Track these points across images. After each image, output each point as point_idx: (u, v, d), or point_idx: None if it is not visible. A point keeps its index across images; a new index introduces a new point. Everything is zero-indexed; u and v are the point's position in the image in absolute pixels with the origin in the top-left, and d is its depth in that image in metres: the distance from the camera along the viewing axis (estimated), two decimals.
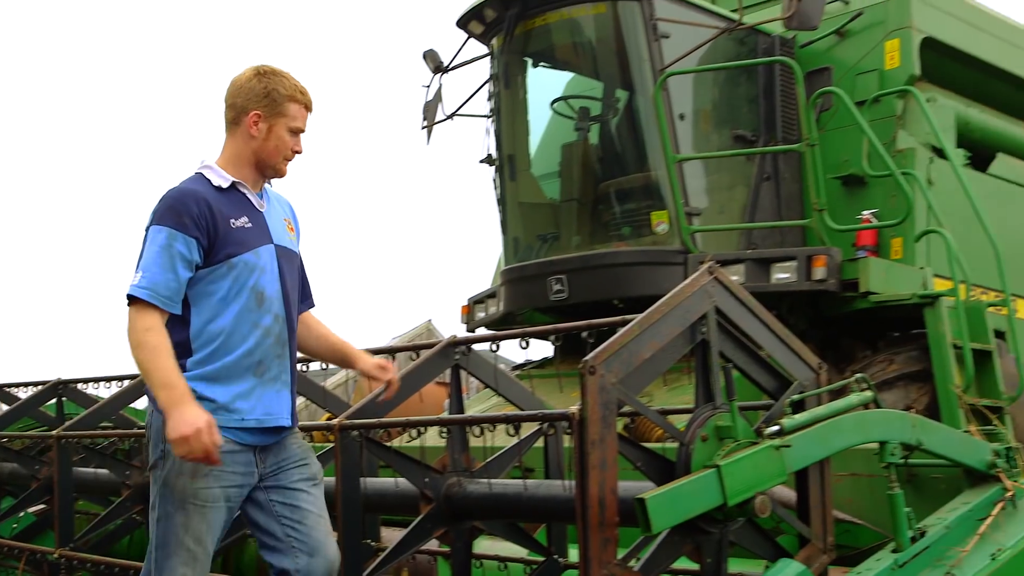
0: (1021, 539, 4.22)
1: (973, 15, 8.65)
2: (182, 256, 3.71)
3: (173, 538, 3.69)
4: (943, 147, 7.51)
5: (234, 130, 3.95)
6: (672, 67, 7.44)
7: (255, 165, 3.96)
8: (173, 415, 3.53)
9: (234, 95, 3.95)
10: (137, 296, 3.65)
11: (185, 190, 3.82)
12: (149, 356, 3.61)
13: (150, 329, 3.64)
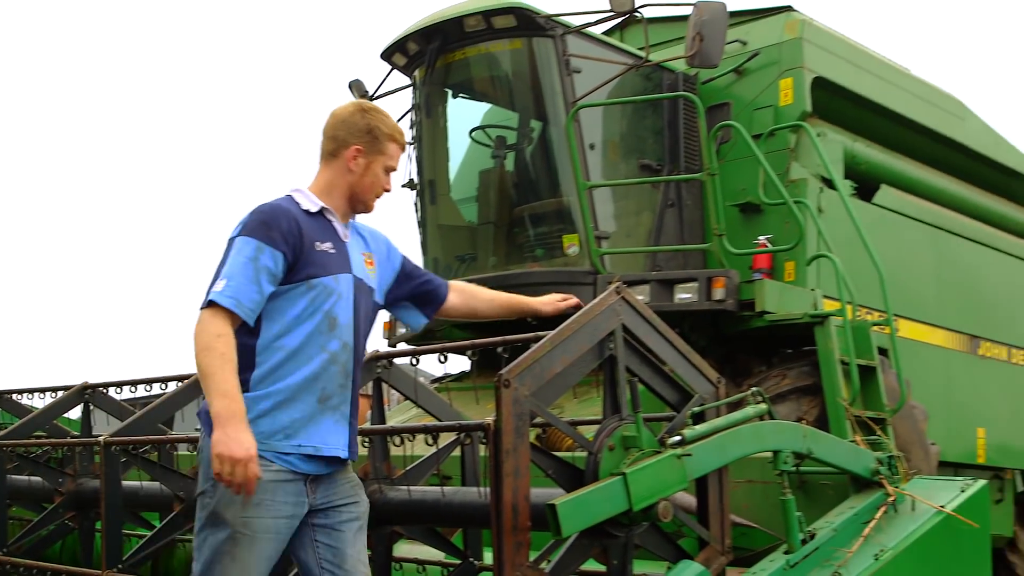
0: (902, 540, 4.29)
1: (859, 57, 8.82)
2: (268, 270, 3.57)
3: (219, 568, 3.47)
4: (832, 178, 7.63)
5: (331, 161, 3.85)
6: (583, 100, 7.49)
7: (348, 198, 3.85)
8: (227, 429, 3.32)
9: (335, 128, 3.85)
10: (220, 303, 3.47)
11: (277, 207, 3.69)
12: (216, 362, 3.40)
13: (221, 335, 3.45)
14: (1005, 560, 9.53)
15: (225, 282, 3.50)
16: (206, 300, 3.49)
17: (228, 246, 3.61)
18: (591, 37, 7.86)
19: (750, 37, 8.39)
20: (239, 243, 3.58)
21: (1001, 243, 9.88)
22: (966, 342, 9.17)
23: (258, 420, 3.50)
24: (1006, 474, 9.60)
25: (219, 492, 3.46)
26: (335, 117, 3.87)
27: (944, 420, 8.59)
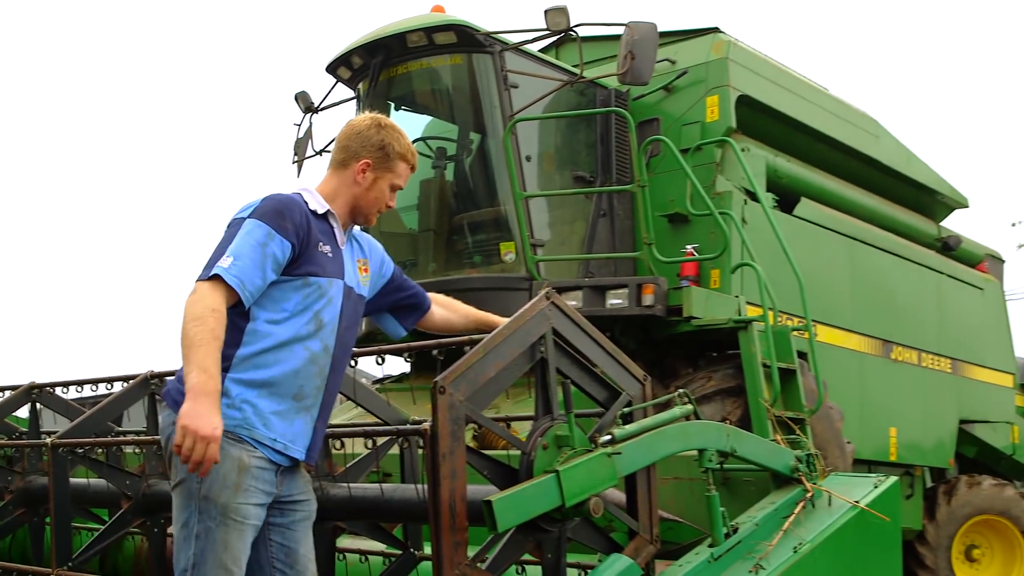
0: (819, 534, 4.31)
1: (782, 77, 8.90)
2: (275, 258, 3.43)
3: (211, 556, 3.28)
4: (755, 191, 7.70)
5: (341, 171, 3.73)
6: (520, 114, 7.48)
7: (350, 208, 3.74)
8: (197, 404, 3.12)
9: (349, 138, 3.74)
10: (224, 279, 3.30)
11: (291, 199, 3.56)
12: (205, 336, 3.21)
13: (216, 311, 3.27)
14: (915, 552, 9.65)
15: (232, 259, 3.34)
16: (209, 272, 3.32)
17: (234, 226, 3.46)
18: (528, 54, 7.85)
19: (679, 56, 8.44)
20: (250, 225, 3.43)
21: (912, 254, 10.02)
22: (879, 347, 9.28)
23: (242, 405, 3.38)
24: (916, 471, 9.73)
25: (208, 478, 3.27)
26: (351, 128, 3.77)
27: (859, 420, 8.68)
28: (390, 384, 8.39)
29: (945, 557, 9.75)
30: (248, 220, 3.44)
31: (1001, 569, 10.17)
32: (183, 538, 3.33)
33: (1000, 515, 10.06)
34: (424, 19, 7.72)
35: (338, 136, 3.80)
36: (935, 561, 9.69)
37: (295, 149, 8.78)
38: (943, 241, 10.86)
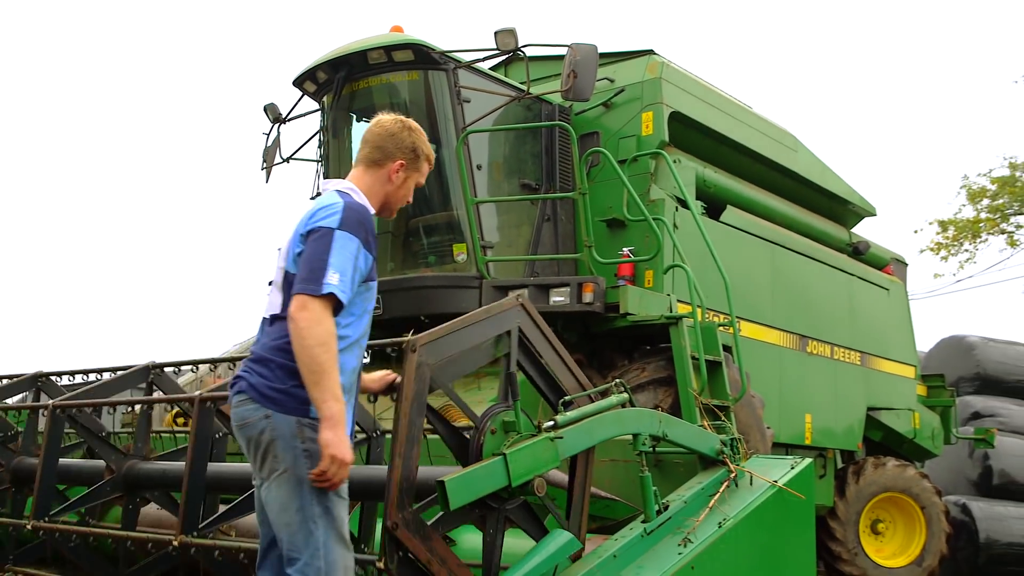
0: (741, 510, 4.36)
1: (710, 96, 8.96)
2: (360, 271, 3.37)
3: (334, 533, 3.23)
4: (686, 199, 7.75)
5: (375, 170, 3.66)
6: (472, 126, 7.49)
7: (380, 205, 3.69)
8: (338, 432, 3.12)
9: (384, 139, 3.66)
10: (338, 296, 3.21)
11: (367, 209, 3.48)
12: (331, 361, 3.15)
13: (333, 334, 3.19)
14: (827, 526, 9.78)
15: (339, 276, 3.24)
16: (319, 288, 3.20)
17: (326, 236, 3.30)
18: (480, 71, 7.85)
19: (617, 76, 8.47)
20: (342, 238, 3.31)
21: (825, 257, 10.13)
22: (796, 341, 9.38)
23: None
24: (828, 453, 9.85)
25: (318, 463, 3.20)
26: (383, 129, 3.70)
27: (777, 407, 8.77)
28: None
29: (854, 530, 9.90)
30: (339, 232, 3.32)
31: (903, 540, 10.35)
32: (299, 521, 3.20)
33: (902, 492, 10.23)
34: (384, 38, 7.69)
35: (369, 137, 3.70)
36: (845, 534, 9.83)
37: (264, 157, 8.71)
38: (853, 246, 10.99)
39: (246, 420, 3.31)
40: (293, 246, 3.43)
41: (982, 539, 13.01)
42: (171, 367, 6.18)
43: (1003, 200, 19.74)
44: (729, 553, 4.22)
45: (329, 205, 3.41)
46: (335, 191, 3.56)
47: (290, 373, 3.25)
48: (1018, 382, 15.33)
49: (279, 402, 3.24)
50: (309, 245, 3.33)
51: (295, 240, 3.43)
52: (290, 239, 3.47)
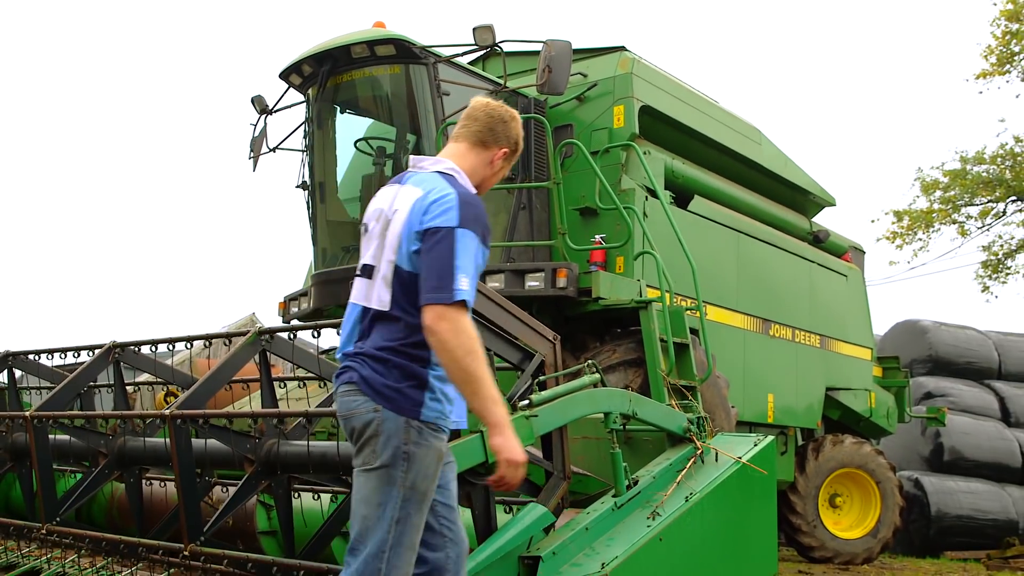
0: (707, 485, 4.38)
1: (679, 91, 8.96)
2: (479, 268, 3.11)
3: (406, 539, 3.00)
4: (655, 189, 7.75)
5: (479, 150, 3.34)
6: (451, 118, 7.45)
7: (475, 187, 3.34)
8: (506, 435, 2.96)
9: (496, 123, 3.35)
10: (468, 303, 2.97)
11: (479, 200, 3.18)
12: (482, 367, 2.94)
13: (478, 339, 2.96)
14: (788, 500, 9.85)
15: (467, 280, 2.98)
16: (452, 295, 2.94)
17: (448, 237, 3.02)
18: (458, 66, 7.81)
19: (590, 71, 8.45)
20: (463, 237, 3.03)
21: (787, 245, 10.17)
22: (760, 324, 9.42)
23: (441, 396, 3.10)
24: (789, 431, 9.91)
25: (415, 469, 3.01)
26: (496, 112, 3.38)
27: (742, 387, 8.82)
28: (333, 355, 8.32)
29: (813, 504, 9.98)
30: (460, 231, 3.03)
31: (859, 513, 10.44)
32: (376, 517, 3.00)
33: (859, 468, 10.32)
34: (367, 33, 7.65)
35: (479, 116, 3.38)
36: (804, 508, 9.91)
37: (251, 147, 8.64)
38: (814, 234, 11.03)
39: (352, 411, 3.07)
40: (406, 242, 3.09)
41: (933, 512, 13.15)
42: (133, 346, 6.01)
43: (954, 192, 19.87)
44: (695, 525, 4.24)
45: (442, 198, 3.09)
46: (438, 174, 3.23)
47: (406, 374, 3.05)
48: (968, 364, 15.48)
49: (391, 399, 3.02)
50: (431, 247, 3.02)
51: (407, 235, 3.10)
52: (400, 230, 3.12)
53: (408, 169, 3.34)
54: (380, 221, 3.20)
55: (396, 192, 3.23)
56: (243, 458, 4.62)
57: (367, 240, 3.25)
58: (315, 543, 4.65)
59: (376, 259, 3.16)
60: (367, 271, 3.19)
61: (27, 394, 7.30)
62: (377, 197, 3.31)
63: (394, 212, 3.16)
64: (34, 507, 5.80)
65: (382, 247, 3.15)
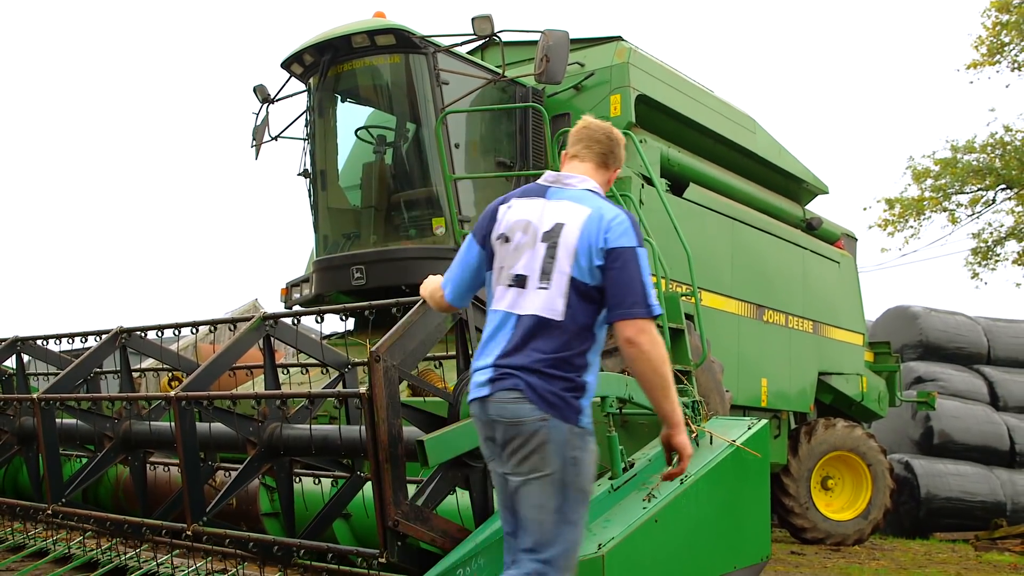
0: (702, 467, 4.37)
1: (675, 80, 8.93)
2: None
3: (580, 539, 3.08)
4: (651, 177, 7.73)
5: (603, 171, 3.37)
6: (450, 107, 7.43)
7: None
8: (686, 435, 3.13)
9: (614, 145, 3.39)
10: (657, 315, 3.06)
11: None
12: (671, 374, 3.08)
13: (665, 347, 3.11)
14: (781, 482, 9.86)
15: (653, 293, 3.09)
16: (654, 312, 3.05)
17: (633, 257, 3.08)
18: (457, 55, 7.78)
19: (587, 60, 8.43)
20: (643, 256, 3.11)
21: (781, 232, 10.16)
22: (753, 310, 9.41)
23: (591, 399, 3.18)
24: (782, 415, 9.92)
25: (584, 472, 3.06)
26: (616, 136, 3.42)
27: (736, 372, 8.82)
28: (336, 340, 8.33)
29: (805, 486, 10.00)
30: (640, 250, 3.11)
31: (850, 495, 10.47)
32: (555, 522, 3.01)
33: (850, 451, 10.34)
34: (367, 23, 7.62)
35: (601, 138, 3.39)
36: (797, 490, 9.93)
37: (253, 136, 8.62)
38: (807, 222, 11.02)
39: (520, 419, 3.03)
40: (585, 256, 3.10)
41: (923, 494, 13.19)
42: (139, 331, 6.01)
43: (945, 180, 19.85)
44: (690, 507, 4.24)
45: (619, 219, 3.15)
46: (590, 192, 3.28)
47: (570, 384, 3.07)
48: (958, 349, 15.50)
49: (558, 408, 3.01)
50: (620, 267, 3.08)
51: (587, 250, 3.10)
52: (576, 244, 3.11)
53: (544, 183, 3.32)
54: (529, 233, 3.17)
55: (545, 206, 3.22)
56: (246, 440, 4.62)
57: (513, 251, 3.20)
58: (316, 524, 4.66)
59: (530, 269, 3.14)
60: (520, 281, 3.15)
61: (34, 379, 7.30)
62: (515, 210, 3.26)
63: (558, 226, 3.15)
64: (41, 489, 5.79)
65: (548, 258, 3.13)
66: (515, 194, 3.33)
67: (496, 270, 3.23)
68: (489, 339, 3.16)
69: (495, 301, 3.20)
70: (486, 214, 3.32)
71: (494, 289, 3.22)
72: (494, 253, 3.24)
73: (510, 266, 3.17)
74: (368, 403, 3.47)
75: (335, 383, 5.33)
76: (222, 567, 5.29)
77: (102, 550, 5.83)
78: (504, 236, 3.22)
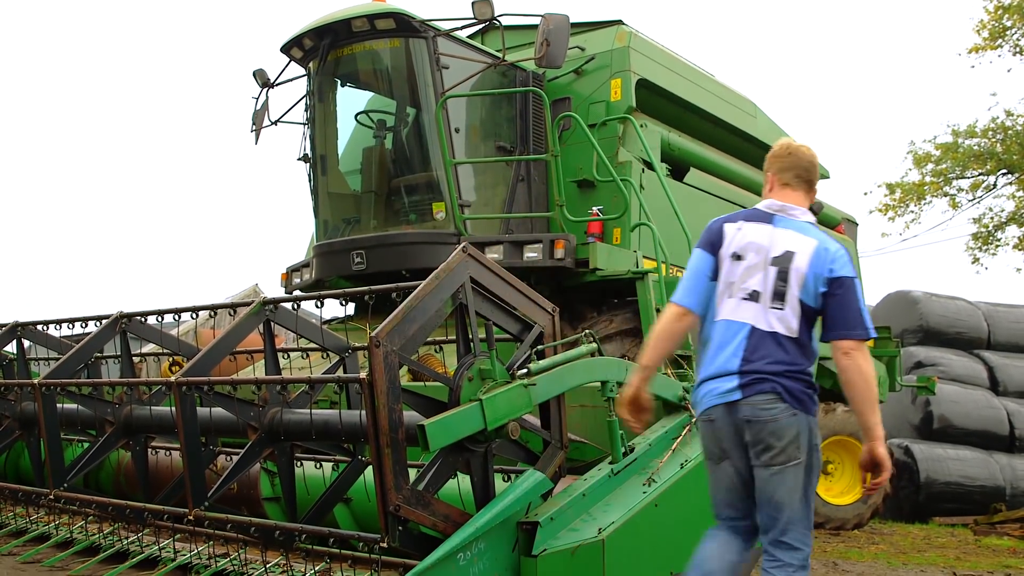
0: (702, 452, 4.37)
1: (675, 64, 8.91)
2: None
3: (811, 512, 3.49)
4: (652, 161, 7.72)
5: (810, 195, 3.74)
6: (450, 91, 7.41)
7: None
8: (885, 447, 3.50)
9: (815, 168, 3.76)
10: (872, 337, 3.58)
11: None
12: (877, 390, 3.51)
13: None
14: None
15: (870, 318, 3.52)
16: (870, 335, 3.46)
17: (852, 286, 3.48)
18: (458, 39, 7.75)
19: (587, 44, 8.40)
20: (859, 284, 3.53)
21: None
22: None
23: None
24: None
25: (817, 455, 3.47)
26: (815, 159, 3.79)
27: None
28: (335, 325, 8.33)
29: None
30: (857, 280, 3.52)
31: (850, 480, 10.46)
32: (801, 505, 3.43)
33: (850, 436, 10.32)
34: (367, 7, 7.58)
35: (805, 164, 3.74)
36: None
37: (253, 120, 8.60)
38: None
39: (777, 417, 3.41)
40: (813, 283, 3.48)
41: (923, 479, 13.20)
42: (139, 316, 6.01)
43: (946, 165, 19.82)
44: (690, 492, 4.25)
45: (839, 251, 3.54)
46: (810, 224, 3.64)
47: (809, 385, 3.50)
48: (958, 334, 15.49)
49: (805, 405, 3.44)
50: (842, 293, 3.47)
51: (814, 278, 3.48)
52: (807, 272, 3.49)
53: (769, 211, 3.67)
54: (760, 255, 3.54)
55: (773, 233, 3.59)
56: (247, 425, 4.62)
57: (744, 269, 3.55)
58: (317, 509, 4.67)
59: (763, 287, 3.52)
60: (755, 296, 3.52)
61: (35, 364, 7.30)
62: (745, 232, 3.61)
63: (788, 253, 3.53)
64: (42, 474, 5.80)
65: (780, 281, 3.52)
66: (741, 216, 3.69)
67: (724, 283, 3.58)
68: (720, 347, 3.53)
69: (724, 312, 3.56)
70: (713, 231, 3.68)
71: (721, 301, 3.58)
72: (719, 266, 3.60)
73: (743, 281, 3.55)
74: (368, 388, 3.47)
75: (335, 368, 5.33)
76: (224, 551, 5.30)
77: (104, 535, 5.84)
78: (736, 254, 3.57)
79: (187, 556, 5.31)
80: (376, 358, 3.45)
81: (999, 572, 7.15)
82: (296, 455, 4.85)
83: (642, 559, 4.00)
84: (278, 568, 4.90)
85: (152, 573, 5.18)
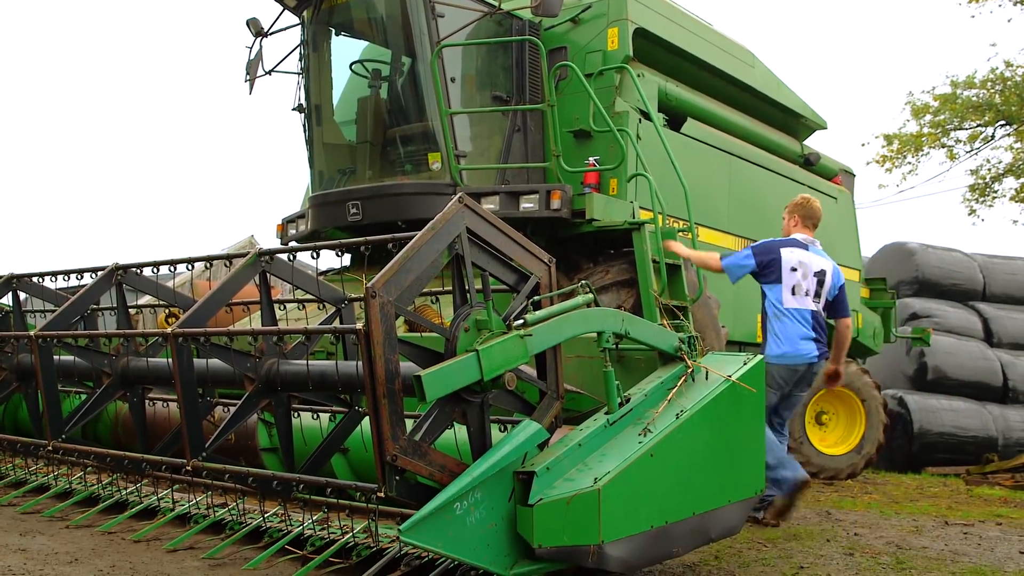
0: (697, 402, 4.38)
1: (673, 13, 8.81)
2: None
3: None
4: (649, 111, 7.67)
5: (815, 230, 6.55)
6: (446, 41, 7.33)
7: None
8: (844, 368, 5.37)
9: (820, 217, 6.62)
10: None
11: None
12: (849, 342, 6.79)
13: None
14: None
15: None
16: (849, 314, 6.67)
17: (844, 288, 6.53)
18: None
19: None
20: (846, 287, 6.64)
21: (779, 167, 10.11)
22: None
23: None
24: None
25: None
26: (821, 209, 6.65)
27: (732, 308, 8.83)
28: (332, 276, 8.32)
29: (800, 422, 10.07)
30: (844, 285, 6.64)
31: (844, 430, 10.54)
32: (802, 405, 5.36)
33: (845, 387, 10.38)
34: None
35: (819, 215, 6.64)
36: (792, 425, 9.99)
37: (247, 70, 8.49)
38: (805, 157, 10.95)
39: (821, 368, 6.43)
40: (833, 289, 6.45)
41: (916, 429, 13.30)
42: (135, 268, 5.98)
43: (944, 116, 19.73)
44: (686, 442, 4.25)
45: (838, 270, 6.52)
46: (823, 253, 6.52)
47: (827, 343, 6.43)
48: (953, 285, 15.51)
49: (825, 354, 6.36)
50: (842, 292, 6.49)
51: (835, 286, 6.46)
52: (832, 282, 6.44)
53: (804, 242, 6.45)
54: (807, 268, 6.31)
55: (811, 256, 6.37)
56: (244, 376, 4.63)
57: (801, 276, 6.30)
58: (315, 459, 4.68)
59: (810, 288, 6.31)
60: (809, 294, 6.31)
61: (31, 316, 7.28)
62: (796, 254, 6.35)
63: (823, 271, 6.37)
64: (40, 425, 5.82)
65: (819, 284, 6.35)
66: (788, 243, 6.38)
67: (787, 285, 6.25)
68: (799, 323, 6.23)
69: (794, 301, 6.26)
70: (771, 251, 6.36)
71: (789, 294, 6.26)
72: (781, 274, 6.26)
73: (801, 284, 6.26)
74: (365, 339, 3.46)
75: (332, 319, 5.32)
76: (222, 502, 5.34)
77: (102, 485, 5.88)
78: (793, 267, 6.26)
79: (185, 506, 5.35)
80: (372, 309, 3.43)
81: (990, 521, 7.22)
82: (293, 406, 4.86)
83: (637, 508, 4.02)
84: (276, 518, 4.94)
85: (151, 523, 5.22)
